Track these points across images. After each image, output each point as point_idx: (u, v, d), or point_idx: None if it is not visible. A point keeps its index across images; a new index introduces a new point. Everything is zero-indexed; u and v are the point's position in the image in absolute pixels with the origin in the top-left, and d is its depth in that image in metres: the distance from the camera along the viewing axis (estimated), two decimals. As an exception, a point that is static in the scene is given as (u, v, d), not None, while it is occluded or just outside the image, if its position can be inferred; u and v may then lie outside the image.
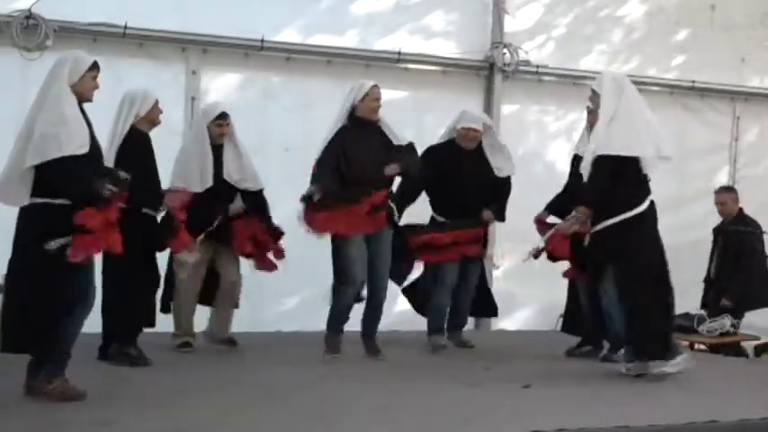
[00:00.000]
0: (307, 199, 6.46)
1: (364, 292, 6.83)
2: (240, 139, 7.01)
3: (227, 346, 7.07)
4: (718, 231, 8.74)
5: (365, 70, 8.90)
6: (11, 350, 5.11)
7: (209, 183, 6.74)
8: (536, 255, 6.94)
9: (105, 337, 6.31)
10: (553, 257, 7.13)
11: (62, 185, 4.95)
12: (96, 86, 5.26)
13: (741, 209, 8.68)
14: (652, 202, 6.30)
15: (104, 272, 5.93)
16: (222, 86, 8.54)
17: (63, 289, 4.95)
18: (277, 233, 6.96)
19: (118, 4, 8.03)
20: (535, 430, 4.69)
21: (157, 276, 6.56)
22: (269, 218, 6.98)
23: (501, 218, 7.59)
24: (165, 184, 6.62)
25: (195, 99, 8.29)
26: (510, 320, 9.41)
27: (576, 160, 7.13)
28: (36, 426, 4.55)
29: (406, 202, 7.26)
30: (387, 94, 8.94)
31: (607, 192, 6.19)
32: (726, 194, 8.74)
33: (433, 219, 7.44)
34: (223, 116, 6.88)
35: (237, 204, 6.86)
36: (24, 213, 5.04)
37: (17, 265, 5.07)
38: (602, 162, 6.18)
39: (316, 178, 6.56)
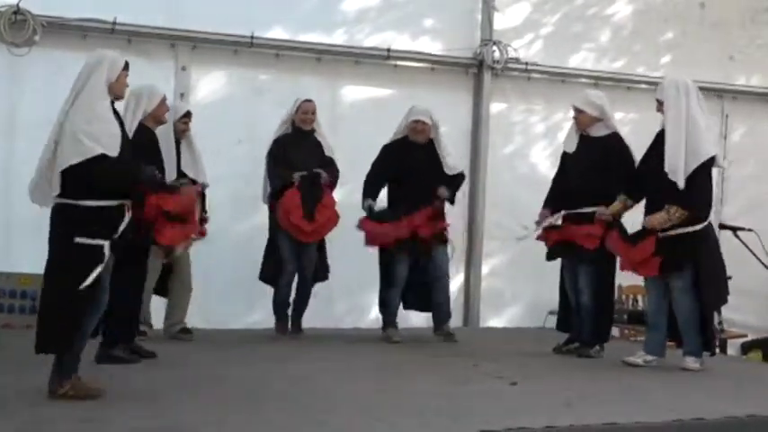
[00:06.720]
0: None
1: None
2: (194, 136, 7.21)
3: (185, 336, 7.21)
4: None
5: (354, 67, 8.91)
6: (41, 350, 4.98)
7: (175, 175, 6.75)
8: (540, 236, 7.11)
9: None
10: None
11: (108, 181, 4.92)
12: (127, 85, 5.29)
13: None
14: None
15: None
16: (211, 83, 8.52)
17: (88, 290, 4.90)
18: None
19: (107, 0, 8.00)
20: (523, 427, 4.71)
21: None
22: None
23: (451, 199, 7.67)
24: None
25: (184, 95, 8.27)
26: (497, 318, 9.43)
27: (566, 157, 7.16)
28: (22, 423, 4.54)
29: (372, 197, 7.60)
30: (375, 92, 9.03)
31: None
32: None
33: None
34: (188, 114, 7.16)
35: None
36: (57, 213, 4.97)
37: (49, 265, 5.01)
38: (706, 169, 6.42)
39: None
